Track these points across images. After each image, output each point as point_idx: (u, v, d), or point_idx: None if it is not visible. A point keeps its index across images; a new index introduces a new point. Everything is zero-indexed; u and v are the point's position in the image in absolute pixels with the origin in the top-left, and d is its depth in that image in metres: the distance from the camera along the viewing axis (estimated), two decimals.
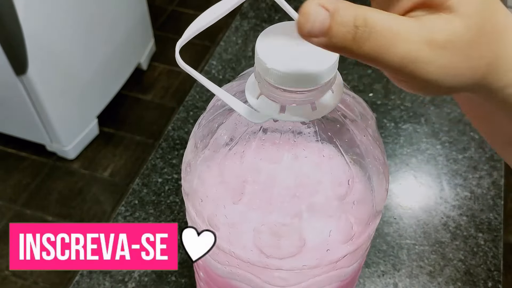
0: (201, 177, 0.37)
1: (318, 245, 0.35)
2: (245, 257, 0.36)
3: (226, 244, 0.36)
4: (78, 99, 1.60)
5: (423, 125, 0.76)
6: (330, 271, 0.38)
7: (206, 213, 0.37)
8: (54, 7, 1.37)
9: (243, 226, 0.35)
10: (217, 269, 0.41)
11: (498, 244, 0.63)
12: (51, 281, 1.40)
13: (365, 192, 0.35)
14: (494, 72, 0.26)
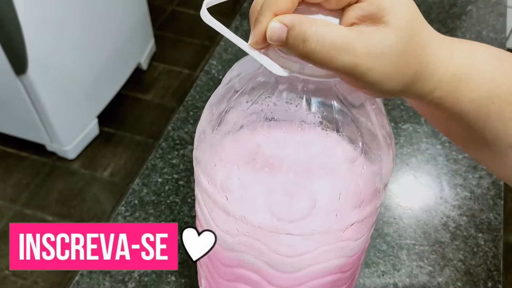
0: (215, 142, 0.37)
1: (327, 208, 0.36)
2: (256, 221, 0.36)
3: (238, 209, 0.37)
4: (78, 99, 1.60)
5: (423, 125, 0.76)
6: (338, 241, 0.38)
7: (219, 178, 0.37)
8: (54, 7, 1.37)
9: (256, 188, 0.36)
10: (225, 244, 0.40)
11: (498, 244, 0.63)
12: (51, 281, 1.40)
13: (374, 160, 0.36)
14: (421, 79, 0.30)
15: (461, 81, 0.31)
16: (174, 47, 2.07)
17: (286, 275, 0.40)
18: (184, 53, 2.04)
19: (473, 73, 0.31)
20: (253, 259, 0.40)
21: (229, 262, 0.42)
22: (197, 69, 1.96)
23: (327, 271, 0.41)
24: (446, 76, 0.31)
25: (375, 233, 0.64)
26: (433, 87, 0.31)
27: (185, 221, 0.64)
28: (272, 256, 0.39)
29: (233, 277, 0.44)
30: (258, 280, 0.41)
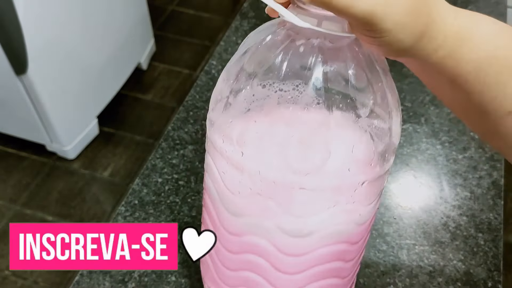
0: (232, 100, 0.38)
1: (341, 160, 0.37)
2: (271, 175, 0.37)
3: (253, 163, 0.37)
4: (78, 99, 1.60)
5: (423, 125, 0.76)
6: (348, 203, 0.39)
7: (235, 134, 0.38)
8: (54, 7, 1.37)
9: (272, 140, 0.37)
10: (236, 208, 0.41)
11: (498, 244, 0.63)
12: (51, 281, 1.40)
13: (384, 117, 0.38)
14: (428, 34, 0.32)
15: (462, 41, 0.33)
16: (174, 47, 2.07)
17: (296, 240, 0.40)
18: (184, 53, 2.04)
19: (474, 34, 0.33)
20: (264, 222, 0.40)
21: (238, 230, 0.42)
22: (197, 69, 1.96)
23: (336, 239, 0.41)
24: (450, 34, 0.32)
25: (375, 233, 0.64)
26: (438, 45, 0.32)
27: (185, 221, 0.64)
28: (283, 218, 0.39)
29: (240, 249, 0.44)
30: (268, 248, 0.42)
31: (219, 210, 0.43)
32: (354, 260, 0.46)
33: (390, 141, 0.39)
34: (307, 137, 0.36)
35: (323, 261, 0.43)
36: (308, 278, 0.44)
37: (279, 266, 0.43)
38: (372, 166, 0.38)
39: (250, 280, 0.45)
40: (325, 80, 0.36)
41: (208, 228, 0.47)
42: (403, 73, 0.83)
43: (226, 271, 0.47)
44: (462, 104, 0.36)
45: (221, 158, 0.40)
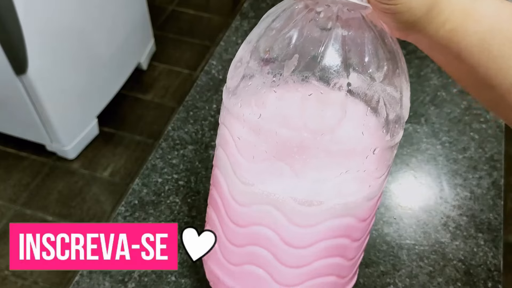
0: (252, 64, 0.40)
1: (355, 123, 0.38)
2: (287, 135, 0.38)
3: (271, 124, 0.38)
4: (78, 99, 1.60)
5: (423, 125, 0.76)
6: (360, 170, 0.40)
7: (254, 96, 0.39)
8: (54, 7, 1.37)
9: (290, 101, 0.38)
10: (248, 175, 0.41)
11: (498, 244, 0.63)
12: (51, 281, 1.40)
13: (396, 85, 0.39)
14: (438, 6, 0.34)
15: (467, 15, 0.35)
16: (174, 47, 2.07)
17: (307, 209, 0.41)
18: (184, 53, 2.04)
19: (478, 9, 0.35)
20: (276, 190, 0.41)
21: (249, 200, 0.43)
22: (197, 69, 1.96)
23: (345, 211, 0.42)
24: (456, 8, 0.35)
25: (375, 233, 0.64)
26: (446, 18, 0.35)
27: (185, 221, 0.64)
28: (296, 185, 0.40)
29: (249, 222, 0.44)
30: (277, 218, 0.42)
31: (230, 180, 0.43)
32: (360, 240, 0.46)
33: (401, 112, 0.40)
34: (324, 98, 0.37)
35: (332, 235, 0.43)
36: (315, 253, 0.44)
37: (288, 238, 0.43)
38: (383, 134, 0.39)
39: (257, 255, 0.45)
40: (343, 43, 0.37)
41: (216, 203, 0.47)
42: None
43: (232, 247, 0.46)
44: (469, 77, 0.37)
45: (237, 123, 0.41)
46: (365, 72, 0.38)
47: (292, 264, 0.44)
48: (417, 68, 0.84)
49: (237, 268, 0.47)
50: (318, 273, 0.45)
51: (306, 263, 0.44)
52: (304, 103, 0.38)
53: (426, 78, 0.83)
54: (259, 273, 0.46)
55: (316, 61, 0.37)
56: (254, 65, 0.40)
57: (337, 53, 0.37)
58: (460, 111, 0.78)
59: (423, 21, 0.35)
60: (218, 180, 0.46)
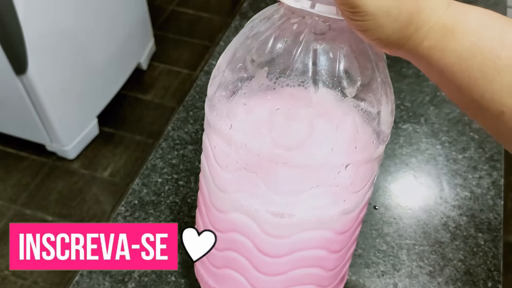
0: (227, 75, 0.40)
1: (324, 138, 0.38)
2: (256, 147, 0.38)
3: (241, 135, 0.38)
4: (78, 99, 1.60)
5: (423, 125, 0.76)
6: (332, 185, 0.39)
7: (226, 106, 0.39)
8: (54, 7, 1.37)
9: (259, 114, 0.38)
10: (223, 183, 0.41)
11: (498, 244, 0.63)
12: (51, 281, 1.40)
13: (372, 102, 0.38)
14: (415, 22, 0.32)
15: (447, 31, 0.32)
16: (174, 47, 2.07)
17: (279, 220, 0.41)
18: (184, 53, 2.04)
19: (460, 25, 0.32)
20: (249, 200, 0.41)
21: (225, 207, 0.43)
22: (197, 69, 1.96)
23: (319, 224, 0.42)
24: (436, 24, 0.32)
25: (375, 233, 0.64)
26: (423, 35, 0.33)
27: (185, 221, 0.64)
28: (266, 196, 0.40)
29: (226, 228, 0.44)
30: (251, 227, 0.42)
31: (209, 187, 0.44)
32: (340, 252, 0.46)
33: (379, 127, 0.39)
34: (292, 112, 0.37)
35: (306, 247, 0.43)
36: (290, 263, 0.44)
37: (262, 247, 0.43)
38: (356, 149, 0.39)
39: (235, 261, 0.45)
40: (314, 58, 0.37)
41: (200, 207, 0.48)
42: (403, 73, 0.83)
43: (213, 251, 0.47)
44: (457, 98, 0.36)
45: (213, 132, 0.41)
46: (336, 87, 0.37)
47: (268, 272, 0.45)
48: (416, 69, 0.84)
49: (219, 271, 0.48)
50: (295, 282, 0.46)
51: (282, 272, 0.45)
52: (271, 117, 0.37)
53: (425, 79, 0.83)
54: (238, 278, 0.46)
55: (285, 74, 0.37)
56: (228, 75, 0.40)
57: (306, 66, 0.37)
58: (459, 111, 0.78)
59: (399, 38, 0.33)
60: (201, 185, 0.47)
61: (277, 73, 0.37)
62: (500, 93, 0.31)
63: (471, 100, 0.33)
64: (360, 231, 0.64)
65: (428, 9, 0.32)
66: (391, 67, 0.40)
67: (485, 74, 0.32)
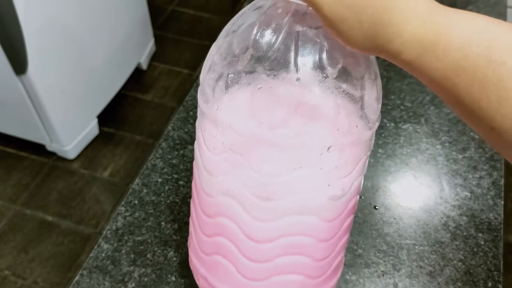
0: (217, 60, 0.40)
1: (306, 118, 0.38)
2: (239, 127, 0.38)
3: (226, 115, 0.39)
4: (78, 99, 1.60)
5: (423, 125, 0.76)
6: (315, 168, 0.39)
7: (213, 89, 0.40)
8: (54, 7, 1.37)
9: (243, 94, 0.39)
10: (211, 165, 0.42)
11: (498, 244, 0.63)
12: (51, 281, 1.40)
13: (355, 85, 0.38)
14: (384, 35, 0.31)
15: (426, 48, 0.30)
16: (174, 47, 2.07)
17: (263, 204, 0.41)
18: (184, 53, 2.04)
19: (441, 42, 0.30)
20: (235, 182, 0.41)
21: (213, 190, 0.44)
22: (197, 69, 1.96)
23: (304, 208, 0.42)
24: (412, 40, 0.30)
25: (375, 233, 0.64)
26: (398, 49, 0.31)
27: (185, 221, 0.64)
28: (252, 177, 0.40)
29: (214, 212, 0.45)
30: (238, 211, 0.43)
31: (200, 172, 0.45)
32: (329, 242, 0.46)
33: (362, 112, 0.39)
34: (273, 92, 0.38)
35: (292, 232, 0.43)
36: (277, 249, 0.44)
37: (248, 231, 0.43)
38: (339, 132, 0.39)
39: (223, 246, 0.46)
40: (296, 39, 0.37)
41: (193, 196, 0.49)
42: (403, 73, 0.83)
43: (203, 237, 0.48)
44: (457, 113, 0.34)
45: (202, 116, 0.42)
46: (317, 68, 0.37)
47: (254, 258, 0.45)
48: None
49: (208, 257, 0.49)
50: (282, 270, 0.46)
51: (268, 259, 0.45)
52: (254, 97, 0.38)
53: None
54: (226, 265, 0.47)
55: (267, 55, 0.37)
56: (217, 59, 0.40)
57: (288, 47, 0.37)
58: None
59: (369, 47, 0.32)
60: (194, 172, 0.48)
61: (260, 55, 0.38)
62: (488, 111, 0.30)
63: (461, 113, 0.32)
64: (360, 231, 0.64)
65: (397, 24, 0.30)
66: (391, 67, 0.40)
67: (471, 92, 0.30)
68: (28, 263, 1.44)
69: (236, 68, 0.39)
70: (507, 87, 0.29)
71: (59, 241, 1.48)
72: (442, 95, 0.32)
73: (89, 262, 0.60)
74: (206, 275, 0.50)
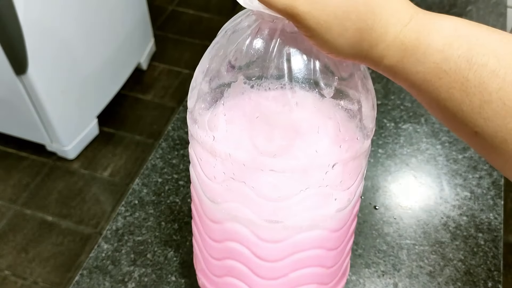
0: (204, 87, 0.40)
1: (307, 141, 0.37)
2: (240, 157, 0.38)
3: (224, 146, 0.38)
4: (78, 99, 1.60)
5: (423, 125, 0.76)
6: (321, 186, 0.39)
7: (207, 118, 0.39)
8: (54, 7, 1.37)
9: (240, 123, 0.38)
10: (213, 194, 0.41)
11: (498, 244, 0.63)
12: (51, 281, 1.40)
13: (352, 99, 0.38)
14: (367, 40, 0.31)
15: (407, 51, 0.30)
16: (174, 47, 2.07)
17: (272, 226, 0.41)
18: (184, 53, 2.04)
19: (421, 44, 0.30)
20: (240, 208, 0.41)
21: (218, 217, 0.43)
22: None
23: (312, 225, 0.42)
24: (394, 43, 0.31)
25: (375, 233, 0.64)
26: (381, 53, 0.31)
27: (185, 221, 0.64)
28: (257, 203, 0.40)
29: (222, 237, 0.44)
30: (247, 234, 0.42)
31: (201, 198, 0.44)
32: (338, 249, 0.46)
33: (361, 123, 0.39)
34: (273, 118, 0.37)
35: (302, 248, 0.43)
36: (289, 265, 0.44)
37: (260, 253, 0.43)
38: (341, 148, 0.38)
39: (234, 268, 0.45)
40: (288, 62, 0.36)
41: (195, 217, 0.48)
42: None
43: (212, 260, 0.47)
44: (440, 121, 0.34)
45: (197, 144, 0.41)
46: (313, 89, 0.36)
47: (268, 276, 0.45)
48: None
49: (220, 279, 0.48)
50: (297, 283, 0.46)
51: (282, 275, 0.45)
52: (252, 126, 0.37)
53: None
54: (239, 285, 0.47)
55: (261, 81, 0.36)
56: (205, 87, 0.39)
57: (281, 71, 0.36)
58: None
59: (353, 54, 0.32)
60: (193, 197, 0.47)
61: (253, 80, 0.37)
62: (470, 115, 0.29)
63: (443, 119, 0.32)
64: (360, 231, 0.64)
65: (380, 28, 0.30)
66: None
67: (453, 96, 0.29)
68: (28, 263, 1.44)
69: (228, 95, 0.38)
70: (488, 89, 0.28)
71: (59, 241, 1.48)
72: (424, 100, 0.32)
73: (89, 262, 0.60)
74: None
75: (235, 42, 0.37)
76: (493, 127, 0.29)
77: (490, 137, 0.29)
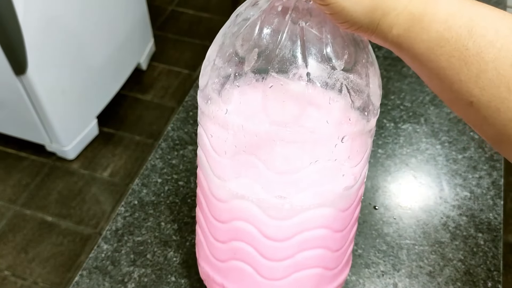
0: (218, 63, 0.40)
1: (319, 112, 0.38)
2: (253, 127, 0.39)
3: (237, 118, 0.39)
4: (78, 99, 1.60)
5: (423, 125, 0.76)
6: (330, 160, 0.40)
7: (220, 92, 0.40)
8: (53, 7, 1.37)
9: (253, 94, 0.39)
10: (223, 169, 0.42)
11: (498, 244, 0.63)
12: (51, 281, 1.40)
13: (361, 74, 0.39)
14: (381, 8, 0.32)
15: (415, 19, 0.32)
16: (174, 47, 2.07)
17: (280, 202, 0.41)
18: (184, 53, 2.04)
19: (428, 13, 0.32)
20: (249, 184, 0.41)
21: (225, 196, 0.43)
22: (197, 69, 1.96)
23: (320, 201, 0.42)
24: (404, 12, 0.32)
25: (375, 233, 0.64)
26: (391, 22, 0.33)
27: (185, 222, 0.64)
28: (267, 177, 0.40)
29: (228, 217, 0.45)
30: (253, 212, 0.43)
31: (209, 178, 0.44)
32: (343, 232, 0.46)
33: (369, 99, 0.40)
34: (284, 89, 0.38)
35: (309, 227, 0.43)
36: (296, 246, 0.44)
37: (267, 231, 0.43)
38: (351, 122, 0.39)
39: (240, 250, 0.46)
40: (301, 34, 0.37)
41: (200, 202, 0.49)
42: (403, 73, 0.83)
43: (217, 244, 0.47)
44: (433, 90, 0.36)
45: (208, 121, 0.42)
46: (325, 61, 0.38)
47: (275, 257, 0.45)
48: None
49: (224, 264, 0.48)
50: (302, 266, 0.46)
51: (289, 256, 0.45)
52: (265, 96, 0.38)
53: None
54: (245, 268, 0.47)
55: (274, 53, 0.38)
56: (219, 63, 0.40)
57: (294, 44, 0.37)
58: None
59: (367, 23, 0.33)
60: (200, 179, 0.47)
61: (267, 54, 0.38)
62: (467, 84, 0.31)
63: (442, 89, 0.34)
64: (360, 231, 0.64)
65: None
66: (391, 67, 0.41)
67: (453, 64, 0.31)
68: (28, 263, 1.44)
69: (242, 69, 0.39)
70: (485, 59, 0.30)
71: (59, 241, 1.48)
72: (425, 72, 0.34)
73: (88, 263, 0.60)
74: (223, 282, 0.49)
75: (249, 19, 0.39)
76: (487, 96, 0.31)
77: (484, 106, 0.31)
